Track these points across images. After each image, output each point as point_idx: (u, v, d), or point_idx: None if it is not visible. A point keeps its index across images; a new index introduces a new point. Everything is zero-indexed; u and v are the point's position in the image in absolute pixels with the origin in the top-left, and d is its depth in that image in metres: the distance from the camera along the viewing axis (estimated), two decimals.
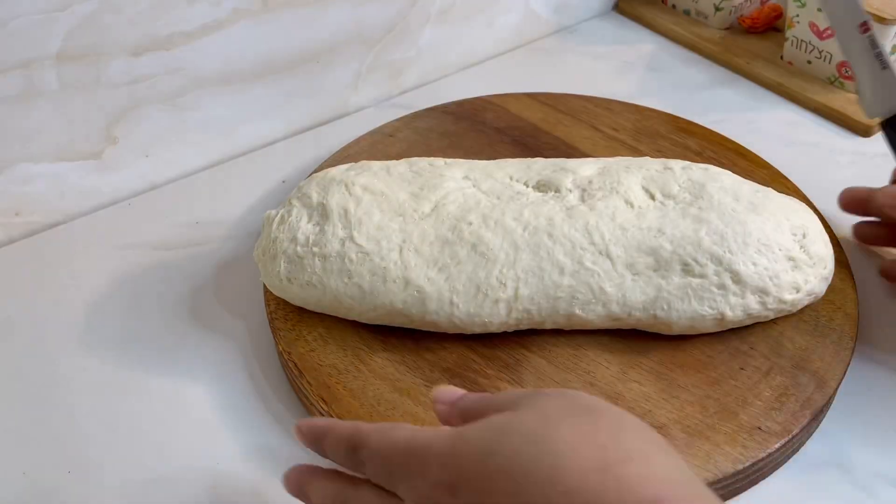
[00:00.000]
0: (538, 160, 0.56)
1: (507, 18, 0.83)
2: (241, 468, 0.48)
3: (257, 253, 0.53)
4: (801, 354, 0.50)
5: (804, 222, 0.52)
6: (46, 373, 0.54)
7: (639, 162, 0.55)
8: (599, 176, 0.53)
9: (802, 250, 0.51)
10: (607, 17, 0.90)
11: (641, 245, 0.50)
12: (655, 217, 0.51)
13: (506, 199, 0.52)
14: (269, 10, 0.66)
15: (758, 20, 0.82)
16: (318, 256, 0.51)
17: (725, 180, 0.53)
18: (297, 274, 0.51)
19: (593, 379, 0.50)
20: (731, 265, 0.49)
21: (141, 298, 0.59)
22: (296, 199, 0.54)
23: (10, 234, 0.64)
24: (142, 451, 0.49)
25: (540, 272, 0.49)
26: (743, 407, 0.48)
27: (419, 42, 0.77)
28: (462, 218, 0.51)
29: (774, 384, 0.49)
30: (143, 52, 0.62)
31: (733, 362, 0.50)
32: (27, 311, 0.58)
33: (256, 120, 0.71)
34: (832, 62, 0.75)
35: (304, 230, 0.52)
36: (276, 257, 0.52)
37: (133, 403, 0.52)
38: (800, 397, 0.48)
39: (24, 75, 0.58)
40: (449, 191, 0.53)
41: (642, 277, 0.50)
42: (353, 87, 0.75)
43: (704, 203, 0.51)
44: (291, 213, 0.53)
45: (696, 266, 0.49)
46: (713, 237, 0.50)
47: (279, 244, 0.52)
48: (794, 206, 0.53)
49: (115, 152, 0.65)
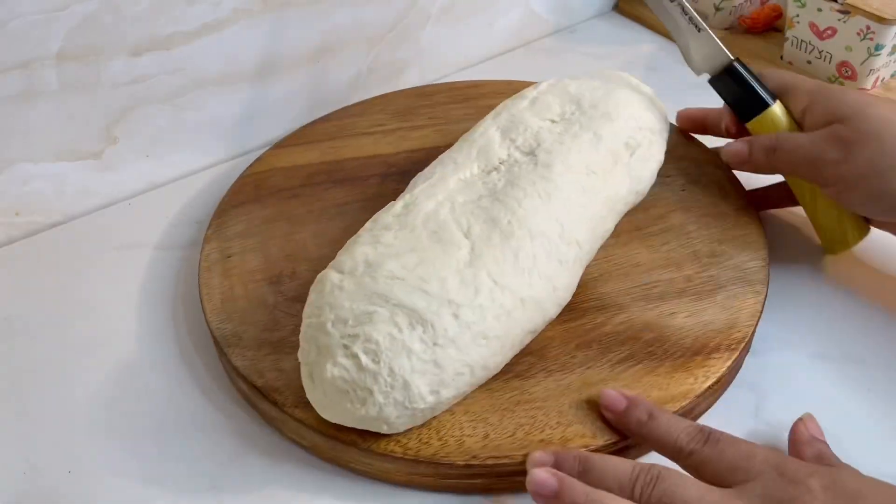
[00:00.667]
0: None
1: (507, 18, 0.83)
2: (241, 467, 0.48)
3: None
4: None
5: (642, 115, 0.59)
6: (46, 373, 0.54)
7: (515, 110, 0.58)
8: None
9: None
10: (607, 17, 0.90)
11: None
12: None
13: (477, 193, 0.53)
14: (269, 10, 0.66)
15: (758, 20, 0.82)
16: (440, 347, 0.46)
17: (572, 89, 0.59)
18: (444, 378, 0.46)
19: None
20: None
21: (141, 298, 0.59)
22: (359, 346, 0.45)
23: (10, 234, 0.64)
24: (142, 451, 0.49)
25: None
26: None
27: (419, 42, 0.77)
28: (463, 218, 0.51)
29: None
30: (143, 52, 0.62)
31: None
32: (27, 311, 0.58)
33: (256, 120, 0.71)
34: (832, 62, 0.75)
35: (412, 346, 0.45)
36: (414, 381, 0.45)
37: (133, 403, 0.52)
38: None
39: (24, 75, 0.58)
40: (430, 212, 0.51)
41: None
42: (354, 86, 0.75)
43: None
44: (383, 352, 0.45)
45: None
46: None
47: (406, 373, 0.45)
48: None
49: (115, 152, 0.65)
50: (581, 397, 0.48)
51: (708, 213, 0.59)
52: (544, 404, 0.48)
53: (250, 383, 0.49)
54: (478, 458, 0.45)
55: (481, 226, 0.49)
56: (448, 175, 0.53)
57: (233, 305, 0.54)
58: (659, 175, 0.59)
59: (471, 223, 0.50)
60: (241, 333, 0.52)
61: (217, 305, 0.54)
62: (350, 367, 0.44)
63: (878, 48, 0.71)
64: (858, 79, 0.73)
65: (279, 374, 0.49)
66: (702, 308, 0.53)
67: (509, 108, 0.59)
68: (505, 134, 0.56)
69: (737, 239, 0.57)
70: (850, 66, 0.73)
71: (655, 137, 0.59)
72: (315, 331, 0.46)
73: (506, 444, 0.46)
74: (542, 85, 0.61)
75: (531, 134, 0.56)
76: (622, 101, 0.58)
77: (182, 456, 0.49)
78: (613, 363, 0.50)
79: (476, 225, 0.50)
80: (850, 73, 0.74)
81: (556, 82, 0.61)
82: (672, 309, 0.53)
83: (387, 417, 0.44)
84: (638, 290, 0.54)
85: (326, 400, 0.45)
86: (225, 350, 0.51)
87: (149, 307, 0.58)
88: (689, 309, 0.53)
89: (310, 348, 0.46)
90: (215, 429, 0.50)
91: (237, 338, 0.52)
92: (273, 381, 0.49)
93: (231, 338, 0.52)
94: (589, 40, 0.86)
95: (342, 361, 0.44)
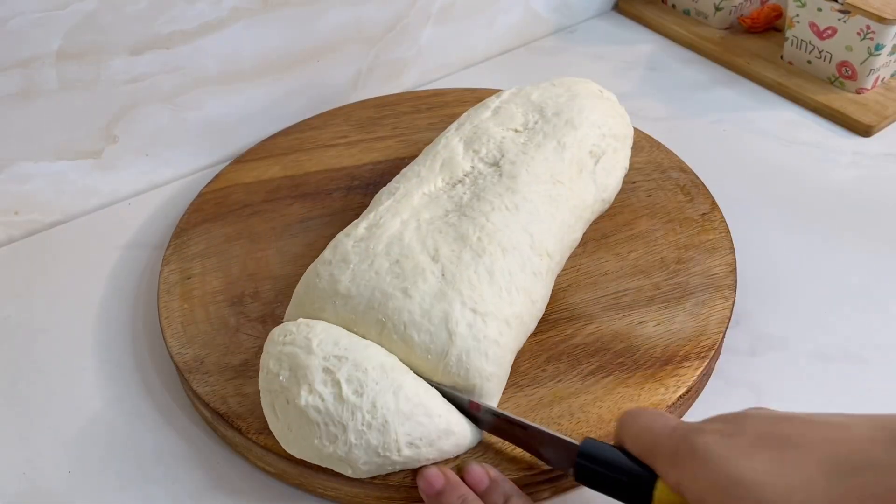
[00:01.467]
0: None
1: (507, 18, 0.83)
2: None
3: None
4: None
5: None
6: (46, 373, 0.54)
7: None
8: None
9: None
10: (607, 17, 0.90)
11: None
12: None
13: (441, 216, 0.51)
14: (269, 10, 0.66)
15: (758, 20, 0.82)
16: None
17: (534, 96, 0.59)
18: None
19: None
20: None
21: (141, 298, 0.58)
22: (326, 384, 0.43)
23: (10, 233, 0.64)
24: (143, 449, 0.49)
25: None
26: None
27: (419, 42, 0.77)
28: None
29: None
30: (142, 51, 0.62)
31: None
32: (27, 311, 0.58)
33: (256, 120, 0.71)
34: (832, 62, 0.75)
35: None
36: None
37: (134, 402, 0.52)
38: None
39: (24, 74, 0.58)
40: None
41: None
42: (354, 86, 0.75)
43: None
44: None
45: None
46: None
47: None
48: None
49: (114, 151, 0.65)
50: (552, 413, 0.47)
51: (673, 219, 0.59)
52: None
53: (213, 409, 0.48)
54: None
55: (451, 245, 0.48)
56: (412, 190, 0.52)
57: (194, 329, 0.52)
58: (624, 182, 0.59)
59: (438, 244, 0.48)
60: (203, 358, 0.51)
61: (178, 330, 0.52)
62: (328, 395, 0.42)
63: (878, 48, 0.71)
64: (858, 79, 0.73)
65: (242, 400, 0.48)
66: (671, 315, 0.52)
67: (472, 118, 0.58)
68: (468, 145, 0.55)
69: (703, 244, 0.57)
70: (850, 66, 0.73)
71: (619, 144, 0.58)
72: (295, 348, 0.44)
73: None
74: (504, 94, 0.60)
75: (495, 144, 0.55)
76: (586, 108, 0.58)
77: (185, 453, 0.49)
78: (584, 375, 0.49)
79: (444, 245, 0.48)
80: (850, 73, 0.74)
81: (519, 90, 0.60)
82: (641, 317, 0.52)
83: (353, 461, 0.42)
84: (607, 299, 0.53)
85: (291, 434, 0.43)
86: (185, 376, 0.50)
87: (148, 307, 0.58)
88: (658, 317, 0.52)
89: (279, 370, 0.43)
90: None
91: (199, 362, 0.50)
92: (236, 407, 0.48)
93: (192, 363, 0.50)
94: (589, 40, 0.86)
95: (319, 388, 0.42)
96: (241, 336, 0.52)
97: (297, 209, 0.62)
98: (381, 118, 0.70)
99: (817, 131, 0.72)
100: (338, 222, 0.58)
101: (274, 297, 0.52)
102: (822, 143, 0.71)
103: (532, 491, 0.45)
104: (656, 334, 0.51)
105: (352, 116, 0.70)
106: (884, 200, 0.65)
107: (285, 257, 0.57)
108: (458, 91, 0.73)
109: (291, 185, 0.64)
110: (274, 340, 0.45)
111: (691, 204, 0.60)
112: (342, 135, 0.68)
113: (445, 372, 0.44)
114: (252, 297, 0.55)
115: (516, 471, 0.44)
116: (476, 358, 0.45)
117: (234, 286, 0.55)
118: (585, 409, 0.47)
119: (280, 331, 0.46)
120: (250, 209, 0.62)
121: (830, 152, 0.70)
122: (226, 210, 0.62)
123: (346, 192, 0.63)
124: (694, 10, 0.85)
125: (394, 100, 0.72)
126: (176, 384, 0.53)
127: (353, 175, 0.64)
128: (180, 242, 0.59)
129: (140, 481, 0.47)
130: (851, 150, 0.70)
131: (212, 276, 0.56)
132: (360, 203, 0.61)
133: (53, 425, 0.51)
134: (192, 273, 0.57)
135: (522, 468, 0.44)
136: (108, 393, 0.52)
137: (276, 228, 0.60)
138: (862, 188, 0.66)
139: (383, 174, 0.63)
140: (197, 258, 0.58)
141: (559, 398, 0.48)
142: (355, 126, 0.69)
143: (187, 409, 0.51)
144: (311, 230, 0.59)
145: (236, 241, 0.59)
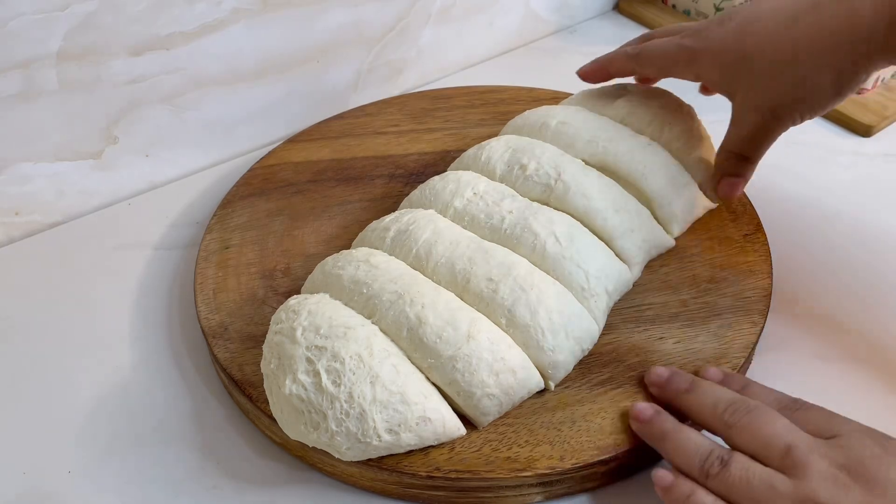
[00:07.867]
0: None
1: (507, 18, 0.83)
2: (248, 464, 0.48)
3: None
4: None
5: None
6: (46, 372, 0.54)
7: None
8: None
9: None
10: (607, 17, 0.90)
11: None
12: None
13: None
14: (269, 10, 0.66)
15: None
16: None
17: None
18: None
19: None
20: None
21: (141, 298, 0.59)
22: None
23: (10, 233, 0.64)
24: (140, 448, 0.49)
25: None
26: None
27: (419, 42, 0.77)
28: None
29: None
30: (142, 51, 0.62)
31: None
32: (27, 311, 0.58)
33: (256, 120, 0.71)
34: None
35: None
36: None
37: (133, 402, 0.52)
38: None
39: (24, 75, 0.58)
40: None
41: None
42: (353, 86, 0.75)
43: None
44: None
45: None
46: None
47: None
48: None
49: (114, 152, 0.65)
50: (553, 418, 0.46)
51: (713, 237, 0.57)
52: (515, 421, 0.46)
53: (229, 375, 0.49)
54: (441, 470, 0.44)
55: (481, 280, 0.47)
56: (448, 203, 0.52)
57: (224, 296, 0.54)
58: None
59: (469, 271, 0.48)
60: (228, 325, 0.52)
61: (209, 296, 0.54)
62: (309, 385, 0.42)
63: None
64: None
65: (257, 369, 0.49)
66: (693, 335, 0.50)
67: (525, 129, 0.57)
68: (514, 159, 0.54)
69: (740, 265, 0.55)
70: None
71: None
72: (282, 337, 0.45)
73: (471, 458, 0.44)
74: (560, 112, 0.58)
75: (549, 162, 0.54)
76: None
77: (178, 459, 0.49)
78: (593, 384, 0.48)
79: (474, 277, 0.47)
80: None
81: (579, 111, 0.58)
82: (662, 333, 0.50)
83: (337, 446, 0.42)
84: (630, 311, 0.52)
85: (284, 417, 0.44)
86: (209, 340, 0.51)
87: (148, 307, 0.58)
88: (679, 335, 0.50)
89: (271, 358, 0.45)
90: (207, 427, 0.50)
91: (223, 329, 0.52)
92: (251, 376, 0.49)
93: (217, 328, 0.52)
94: (589, 40, 0.86)
95: (302, 378, 0.43)
96: (266, 308, 0.53)
97: (338, 192, 0.63)
98: (434, 109, 0.71)
99: (817, 131, 0.72)
100: (375, 208, 0.59)
101: (303, 274, 0.53)
102: (821, 143, 0.71)
103: (525, 493, 0.45)
104: (675, 352, 0.49)
105: (406, 106, 0.71)
106: (884, 200, 0.65)
107: (320, 237, 0.59)
108: (515, 89, 0.73)
109: (338, 167, 0.65)
110: (271, 326, 0.47)
111: (735, 224, 0.58)
112: (394, 123, 0.69)
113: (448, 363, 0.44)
114: (283, 272, 0.56)
115: (509, 471, 0.44)
116: (483, 370, 0.44)
117: (267, 259, 0.57)
118: (588, 419, 0.46)
119: (276, 317, 0.47)
120: (294, 188, 0.63)
121: (830, 152, 0.70)
122: (272, 186, 0.63)
123: (388, 179, 0.64)
124: (694, 10, 0.85)
125: (450, 93, 0.73)
126: (186, 373, 0.53)
127: (398, 164, 0.65)
128: (225, 213, 0.61)
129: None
130: (851, 150, 0.70)
131: (248, 248, 0.58)
132: (399, 192, 0.62)
133: (53, 425, 0.51)
134: (231, 243, 0.58)
135: (515, 469, 0.44)
136: (106, 392, 0.52)
137: (315, 209, 0.61)
138: (862, 188, 0.66)
139: (427, 166, 0.64)
140: (238, 230, 0.60)
141: (564, 404, 0.47)
142: (408, 116, 0.70)
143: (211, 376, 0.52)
144: (349, 213, 0.61)
145: (277, 217, 0.61)
